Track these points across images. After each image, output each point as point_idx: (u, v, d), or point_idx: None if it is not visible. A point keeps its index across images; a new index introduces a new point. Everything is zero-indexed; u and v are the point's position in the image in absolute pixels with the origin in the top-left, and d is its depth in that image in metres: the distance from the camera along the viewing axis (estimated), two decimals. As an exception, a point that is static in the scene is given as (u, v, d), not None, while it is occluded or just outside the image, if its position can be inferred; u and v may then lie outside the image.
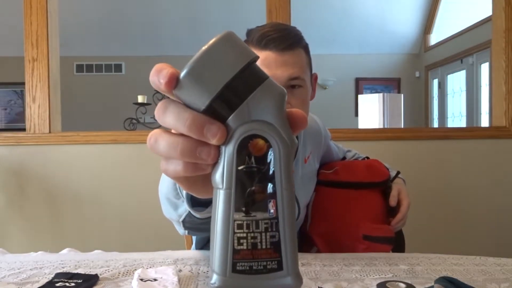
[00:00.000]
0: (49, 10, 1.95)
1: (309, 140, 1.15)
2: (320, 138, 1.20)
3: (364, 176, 1.15)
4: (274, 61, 0.90)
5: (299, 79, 0.93)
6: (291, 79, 0.92)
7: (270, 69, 0.91)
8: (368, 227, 1.06)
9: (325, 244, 1.10)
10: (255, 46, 0.93)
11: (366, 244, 1.06)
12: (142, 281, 0.78)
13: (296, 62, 0.92)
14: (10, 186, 1.96)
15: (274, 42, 0.90)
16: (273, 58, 0.90)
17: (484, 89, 5.32)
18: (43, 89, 1.94)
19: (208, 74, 0.31)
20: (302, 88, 0.94)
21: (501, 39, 2.00)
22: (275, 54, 0.90)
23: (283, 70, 0.90)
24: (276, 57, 0.90)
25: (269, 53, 0.90)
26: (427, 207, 1.98)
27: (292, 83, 0.92)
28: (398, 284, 0.72)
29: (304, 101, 0.95)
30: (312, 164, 1.15)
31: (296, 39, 0.94)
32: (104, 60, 6.62)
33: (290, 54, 0.91)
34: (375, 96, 3.30)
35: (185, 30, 6.06)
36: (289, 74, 0.91)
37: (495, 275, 0.82)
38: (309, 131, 1.15)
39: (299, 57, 0.93)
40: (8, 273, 0.85)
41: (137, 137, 1.94)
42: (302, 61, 0.94)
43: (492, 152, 2.00)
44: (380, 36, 6.49)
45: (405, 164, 1.97)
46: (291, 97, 0.93)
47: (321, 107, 6.08)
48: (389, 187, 1.17)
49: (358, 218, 1.08)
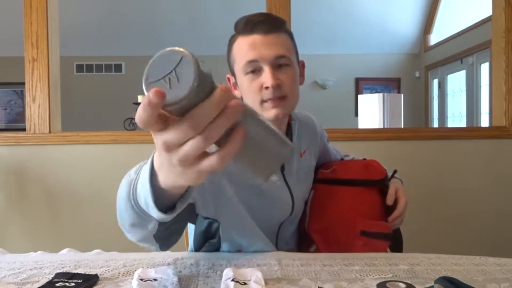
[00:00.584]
0: (49, 10, 1.95)
1: (305, 137, 1.16)
2: (316, 135, 1.22)
3: (361, 174, 1.16)
4: (260, 42, 0.95)
5: (285, 57, 0.96)
6: (277, 57, 0.95)
7: (257, 51, 0.95)
8: (366, 223, 1.07)
9: (323, 240, 1.11)
10: (242, 33, 0.97)
11: (363, 240, 1.07)
12: (142, 281, 0.78)
13: (281, 43, 0.97)
14: (10, 186, 1.96)
15: (259, 25, 0.95)
16: (259, 40, 0.95)
17: (484, 89, 5.32)
18: (43, 89, 1.94)
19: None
20: (289, 66, 0.97)
21: (501, 39, 2.00)
22: (261, 36, 0.95)
23: (270, 49, 0.95)
24: (262, 38, 0.95)
25: (256, 36, 0.95)
26: (427, 207, 1.98)
27: (279, 62, 0.96)
28: (398, 284, 0.72)
29: (292, 79, 0.98)
30: (308, 160, 1.17)
31: (279, 22, 0.98)
32: (104, 60, 6.62)
33: (275, 35, 0.96)
34: (375, 96, 3.30)
35: (185, 30, 6.06)
36: (275, 53, 0.95)
37: (495, 275, 0.82)
38: (304, 128, 1.17)
39: (284, 39, 0.98)
40: (8, 273, 0.85)
41: (137, 137, 1.94)
42: (287, 43, 0.99)
43: (492, 152, 2.00)
44: (380, 36, 6.49)
45: (405, 164, 1.97)
46: (280, 73, 0.96)
47: (321, 107, 6.13)
48: (386, 186, 1.18)
49: (355, 215, 1.09)
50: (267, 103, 0.96)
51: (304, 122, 1.18)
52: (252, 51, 0.95)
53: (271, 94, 0.95)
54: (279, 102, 0.96)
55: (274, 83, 0.94)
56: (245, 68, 0.97)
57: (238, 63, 0.99)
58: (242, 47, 0.97)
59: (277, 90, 0.95)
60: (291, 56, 0.98)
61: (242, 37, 0.98)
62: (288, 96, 0.97)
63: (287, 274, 0.84)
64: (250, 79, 0.97)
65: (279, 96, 0.96)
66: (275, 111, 0.96)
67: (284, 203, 1.07)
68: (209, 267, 0.91)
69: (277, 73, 0.96)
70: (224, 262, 0.94)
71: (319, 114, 1.28)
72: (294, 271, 0.86)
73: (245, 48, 0.96)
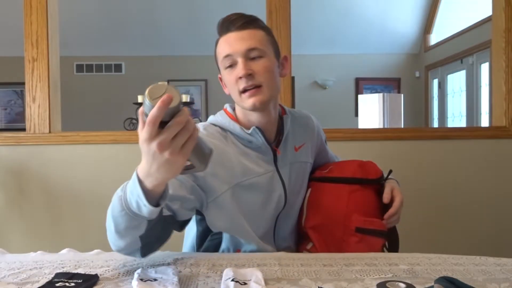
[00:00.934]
0: (49, 10, 1.95)
1: (301, 133, 1.21)
2: (313, 134, 1.26)
3: (357, 172, 1.19)
4: (235, 38, 1.03)
5: (257, 49, 1.02)
6: (249, 50, 1.02)
7: (231, 46, 1.02)
8: (361, 220, 1.10)
9: (319, 237, 1.13)
10: (221, 34, 1.05)
11: (358, 236, 1.09)
12: (142, 281, 0.78)
13: (254, 37, 1.03)
14: (10, 186, 1.96)
15: (232, 23, 1.03)
16: (232, 37, 1.03)
17: (484, 89, 5.32)
18: (43, 89, 1.94)
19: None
20: (263, 58, 1.03)
21: (501, 39, 2.00)
22: (234, 33, 1.03)
23: (242, 43, 1.02)
24: (235, 35, 1.03)
25: (231, 33, 1.03)
26: (427, 207, 1.98)
27: (252, 54, 1.02)
28: (398, 284, 0.72)
29: (265, 69, 1.03)
30: (304, 156, 1.20)
31: (252, 19, 1.05)
32: (104, 60, 6.62)
33: (248, 31, 1.03)
34: (375, 96, 3.30)
35: (185, 30, 6.06)
36: (246, 46, 1.02)
37: (495, 275, 0.82)
38: (300, 124, 1.21)
39: (257, 34, 1.04)
40: (8, 273, 0.85)
41: (137, 137, 1.93)
42: (261, 37, 1.04)
43: (492, 152, 2.00)
44: (380, 36, 6.49)
45: (405, 164, 1.97)
46: (253, 64, 1.02)
47: (321, 107, 6.14)
48: (382, 185, 1.20)
49: (351, 212, 1.12)
50: (245, 94, 1.03)
51: (300, 119, 1.23)
52: (228, 47, 1.03)
53: (245, 83, 1.02)
54: (255, 91, 1.03)
55: (245, 73, 1.01)
56: (224, 63, 1.05)
57: (219, 61, 1.07)
58: (221, 45, 1.05)
59: (250, 80, 1.02)
60: (266, 48, 1.04)
61: (221, 38, 1.06)
62: (263, 85, 1.03)
63: (287, 274, 0.85)
64: (229, 72, 1.04)
65: (253, 85, 1.02)
66: (252, 100, 1.03)
67: (276, 193, 1.10)
68: (209, 267, 0.91)
69: (250, 64, 1.02)
70: (224, 262, 0.94)
71: (319, 114, 1.30)
72: (294, 271, 0.86)
73: (222, 45, 1.05)
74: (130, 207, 0.76)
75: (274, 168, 1.11)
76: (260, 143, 1.08)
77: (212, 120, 1.13)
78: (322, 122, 1.31)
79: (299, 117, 1.23)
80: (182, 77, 6.26)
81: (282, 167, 1.12)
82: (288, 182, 1.13)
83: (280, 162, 1.12)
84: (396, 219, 1.16)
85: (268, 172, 1.08)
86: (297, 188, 1.17)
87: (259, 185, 1.06)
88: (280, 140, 1.14)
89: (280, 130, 1.14)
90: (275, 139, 1.14)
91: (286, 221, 1.17)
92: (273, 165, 1.11)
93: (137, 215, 0.76)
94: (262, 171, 1.07)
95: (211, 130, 1.07)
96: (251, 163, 1.06)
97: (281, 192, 1.11)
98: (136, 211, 0.76)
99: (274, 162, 1.11)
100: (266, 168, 1.09)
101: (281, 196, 1.11)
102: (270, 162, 1.10)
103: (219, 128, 1.09)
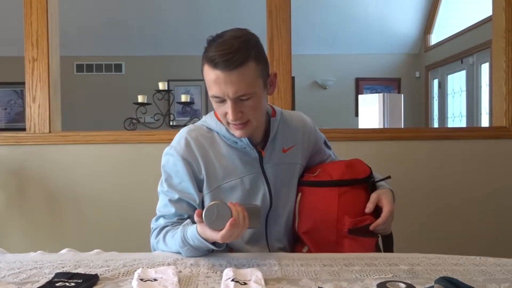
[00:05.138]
0: (49, 10, 1.95)
1: (294, 135, 1.23)
2: (306, 136, 1.27)
3: (345, 173, 1.19)
4: (223, 80, 1.02)
5: (246, 94, 1.04)
6: (238, 95, 1.03)
7: (220, 88, 1.03)
8: (352, 221, 1.12)
9: (312, 241, 1.16)
10: (207, 63, 1.04)
11: (351, 238, 1.12)
12: (142, 281, 0.78)
13: (243, 80, 1.02)
14: (10, 186, 1.95)
15: (221, 64, 1.01)
16: (222, 78, 1.02)
17: (484, 89, 5.32)
18: (43, 89, 1.94)
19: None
20: (251, 98, 1.05)
21: (501, 39, 2.00)
22: (224, 74, 1.01)
23: (230, 88, 1.02)
24: (224, 76, 1.01)
25: (219, 72, 1.02)
26: (427, 207, 1.98)
27: (241, 97, 1.04)
28: (398, 284, 0.72)
29: (254, 108, 1.07)
30: (293, 157, 1.23)
31: (242, 57, 1.01)
32: (104, 60, 6.61)
33: (236, 73, 1.01)
34: (375, 96, 3.29)
35: (185, 30, 6.06)
36: (235, 91, 1.02)
37: (495, 275, 0.82)
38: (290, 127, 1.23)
39: (246, 74, 1.02)
40: (8, 273, 0.85)
41: (137, 137, 1.94)
42: (249, 76, 1.03)
43: (492, 152, 2.00)
44: (380, 36, 6.48)
45: (405, 164, 1.97)
46: (242, 105, 1.05)
47: (321, 107, 6.14)
48: (372, 183, 1.21)
49: (342, 214, 1.14)
50: (232, 125, 1.09)
51: (292, 121, 1.25)
52: (217, 87, 1.03)
53: (234, 121, 1.07)
54: (243, 125, 1.08)
55: (235, 118, 1.05)
56: (212, 96, 1.07)
57: (207, 86, 1.07)
58: (209, 77, 1.05)
59: (239, 119, 1.06)
60: (254, 87, 1.05)
61: (208, 67, 1.04)
62: (251, 120, 1.08)
63: (287, 274, 0.85)
64: (217, 104, 1.08)
65: (241, 122, 1.06)
66: (239, 133, 1.09)
67: (260, 193, 1.16)
68: (209, 267, 0.91)
69: (240, 106, 1.05)
70: (224, 262, 0.94)
71: (319, 114, 1.30)
72: (294, 271, 0.86)
73: (210, 80, 1.04)
74: (191, 245, 1.00)
75: (259, 169, 1.16)
76: (245, 145, 1.14)
77: (203, 120, 1.20)
78: (322, 122, 1.31)
79: (291, 119, 1.25)
80: (182, 77, 6.26)
81: (268, 168, 1.17)
82: (274, 182, 1.18)
83: (266, 163, 1.17)
84: (382, 229, 1.16)
85: (252, 173, 1.15)
86: (285, 188, 1.21)
87: (242, 186, 1.13)
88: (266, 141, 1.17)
89: (268, 132, 1.18)
90: (262, 140, 1.18)
91: (276, 221, 1.20)
92: (258, 165, 1.16)
93: (199, 248, 1.01)
94: (246, 172, 1.14)
95: (195, 134, 1.15)
96: (235, 163, 1.13)
97: (265, 192, 1.16)
98: (196, 246, 1.01)
99: (260, 162, 1.16)
100: (250, 169, 1.15)
101: (265, 196, 1.16)
102: (255, 163, 1.16)
103: (206, 128, 1.17)
